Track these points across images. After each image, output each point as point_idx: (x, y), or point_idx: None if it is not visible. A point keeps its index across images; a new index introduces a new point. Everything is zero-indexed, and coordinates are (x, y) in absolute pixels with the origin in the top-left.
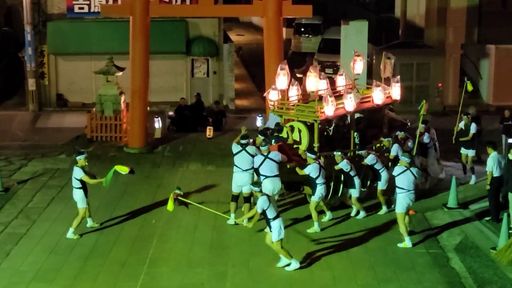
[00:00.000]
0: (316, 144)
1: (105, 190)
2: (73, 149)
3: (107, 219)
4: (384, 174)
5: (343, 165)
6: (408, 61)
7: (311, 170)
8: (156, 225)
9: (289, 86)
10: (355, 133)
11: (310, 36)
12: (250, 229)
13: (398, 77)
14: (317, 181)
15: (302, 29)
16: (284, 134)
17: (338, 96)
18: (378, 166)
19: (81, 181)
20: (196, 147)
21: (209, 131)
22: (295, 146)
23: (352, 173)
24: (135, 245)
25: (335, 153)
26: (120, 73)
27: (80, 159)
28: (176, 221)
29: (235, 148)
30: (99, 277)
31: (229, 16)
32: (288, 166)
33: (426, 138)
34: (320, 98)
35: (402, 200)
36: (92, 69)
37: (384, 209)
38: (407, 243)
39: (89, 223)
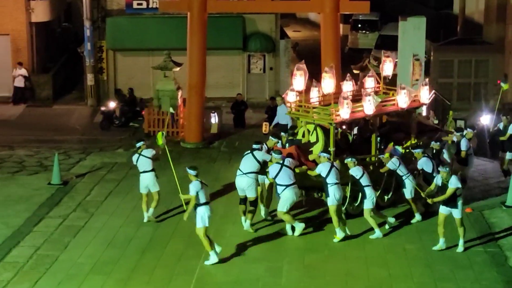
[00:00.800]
0: (331, 148)
1: (161, 185)
2: (131, 143)
3: (164, 212)
4: (408, 181)
5: (354, 171)
6: (467, 58)
7: (321, 169)
8: (213, 219)
9: (308, 87)
10: (378, 138)
11: (367, 32)
12: (306, 226)
13: (427, 79)
14: (328, 181)
15: (359, 25)
16: (299, 135)
17: (359, 99)
18: (401, 172)
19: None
20: (252, 143)
21: (265, 127)
22: (310, 149)
23: (363, 182)
24: (191, 239)
25: (346, 159)
26: (178, 69)
27: (142, 145)
28: (232, 216)
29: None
30: (155, 270)
31: (286, 12)
32: (297, 171)
33: (464, 145)
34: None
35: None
36: (150, 65)
37: (417, 217)
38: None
39: (149, 213)
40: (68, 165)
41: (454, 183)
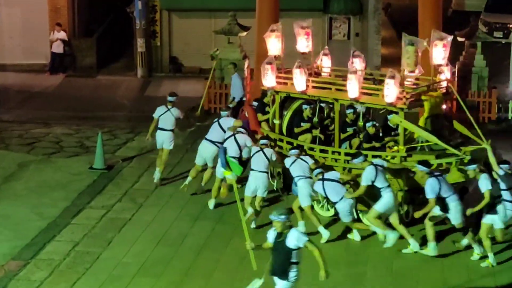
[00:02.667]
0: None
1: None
2: (188, 122)
3: (227, 203)
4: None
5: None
6: None
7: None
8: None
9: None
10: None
11: None
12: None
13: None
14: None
15: None
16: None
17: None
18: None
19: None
20: None
21: None
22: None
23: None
24: (257, 237)
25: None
26: (244, 33)
27: (174, 100)
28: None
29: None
30: (214, 273)
31: None
32: None
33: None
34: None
35: None
36: (212, 29)
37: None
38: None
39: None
40: (114, 146)
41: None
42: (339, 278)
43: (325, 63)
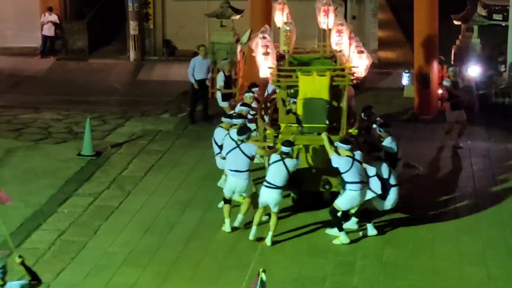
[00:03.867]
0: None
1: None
2: (179, 107)
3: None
4: None
5: None
6: None
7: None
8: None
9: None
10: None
11: None
12: (382, 213)
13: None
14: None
15: None
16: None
17: None
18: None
19: None
20: None
21: None
22: None
23: None
24: (247, 227)
25: None
26: (238, 17)
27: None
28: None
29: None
30: (201, 263)
31: None
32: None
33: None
34: None
35: None
36: (205, 11)
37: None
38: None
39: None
40: (103, 132)
41: None
42: (327, 267)
43: None
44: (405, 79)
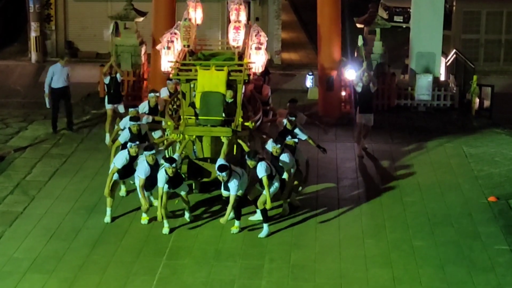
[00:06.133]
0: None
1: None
2: (83, 109)
3: (122, 196)
4: None
5: None
6: (497, 9)
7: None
8: (179, 206)
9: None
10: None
11: None
12: (291, 217)
13: (261, 36)
14: None
15: None
16: None
17: None
18: None
19: None
20: None
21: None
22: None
23: None
24: (153, 232)
25: None
26: (141, 19)
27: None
28: (203, 204)
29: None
30: (108, 268)
31: None
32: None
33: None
34: None
35: None
36: (108, 13)
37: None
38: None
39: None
40: (5, 136)
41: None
42: (235, 271)
43: None
44: (309, 81)
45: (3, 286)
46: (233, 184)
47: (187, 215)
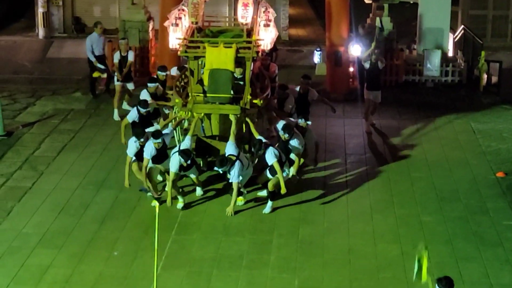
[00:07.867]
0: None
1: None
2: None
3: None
4: None
5: None
6: None
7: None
8: (187, 182)
9: None
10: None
11: None
12: (299, 193)
13: (270, 13)
14: None
15: None
16: None
17: None
18: None
19: None
20: None
21: None
22: None
23: None
24: (162, 206)
25: None
26: None
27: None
28: (212, 180)
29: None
30: (117, 243)
31: None
32: None
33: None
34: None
35: None
36: None
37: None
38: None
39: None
40: (13, 111)
41: None
42: (244, 246)
43: None
44: (317, 57)
45: (13, 260)
46: (234, 172)
47: (198, 191)
